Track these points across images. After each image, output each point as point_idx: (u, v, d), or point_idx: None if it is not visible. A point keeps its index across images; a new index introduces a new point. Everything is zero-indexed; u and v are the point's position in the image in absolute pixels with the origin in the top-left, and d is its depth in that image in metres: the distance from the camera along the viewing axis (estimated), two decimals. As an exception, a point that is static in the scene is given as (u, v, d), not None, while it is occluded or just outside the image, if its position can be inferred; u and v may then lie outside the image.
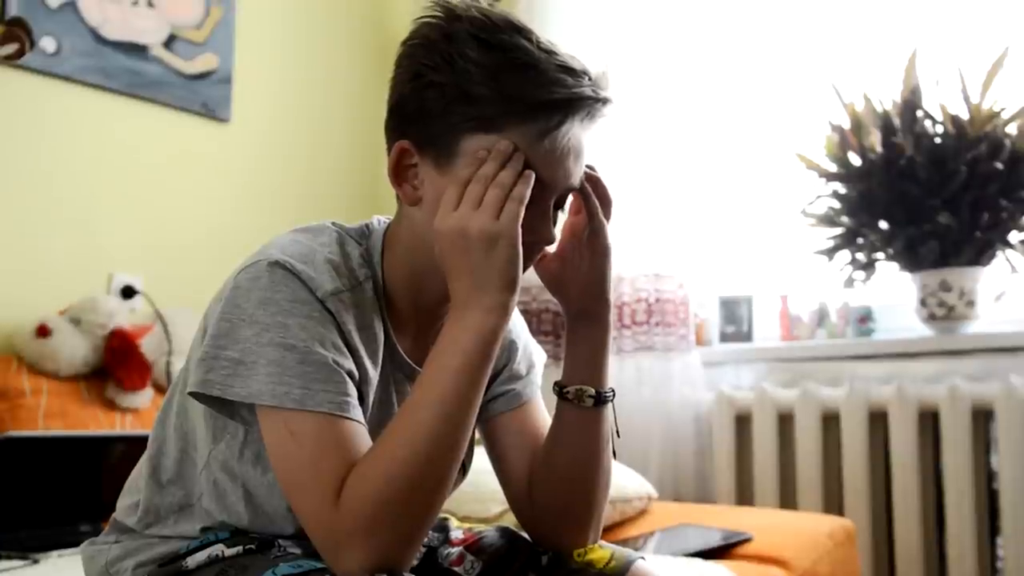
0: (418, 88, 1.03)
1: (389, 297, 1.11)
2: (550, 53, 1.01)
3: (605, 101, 1.03)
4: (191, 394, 1.01)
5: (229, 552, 1.06)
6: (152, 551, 1.12)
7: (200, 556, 1.07)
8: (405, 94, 1.05)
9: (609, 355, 1.18)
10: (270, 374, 0.96)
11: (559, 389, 1.17)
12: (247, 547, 1.06)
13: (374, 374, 1.08)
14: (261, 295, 0.99)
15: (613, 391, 1.17)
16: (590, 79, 1.02)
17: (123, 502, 1.18)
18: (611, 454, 1.19)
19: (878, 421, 2.67)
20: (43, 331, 2.32)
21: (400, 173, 1.07)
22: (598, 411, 1.16)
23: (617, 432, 1.21)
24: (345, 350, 1.02)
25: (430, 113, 1.02)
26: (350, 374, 1.01)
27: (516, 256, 1.01)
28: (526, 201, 1.01)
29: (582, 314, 1.16)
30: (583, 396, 1.15)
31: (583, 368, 1.16)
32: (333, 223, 1.13)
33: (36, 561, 1.79)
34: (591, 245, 1.13)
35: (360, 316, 1.05)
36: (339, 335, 1.01)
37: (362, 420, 1.01)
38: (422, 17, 1.05)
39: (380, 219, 1.17)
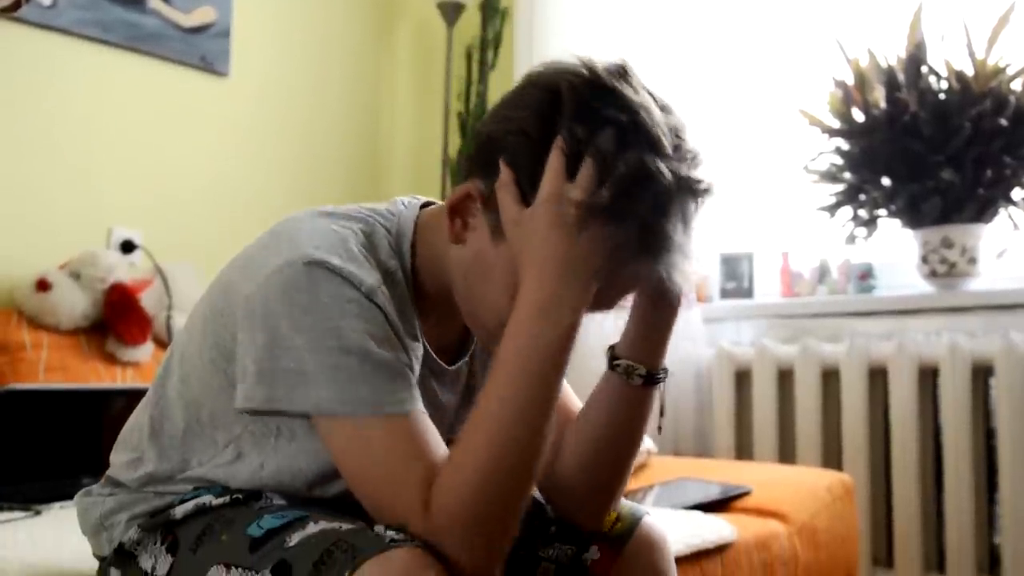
0: (524, 148, 0.99)
1: (417, 286, 1.08)
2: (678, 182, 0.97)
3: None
4: (248, 411, 1.00)
5: (216, 502, 1.06)
6: (147, 504, 1.12)
7: (188, 505, 1.07)
8: (510, 143, 1.00)
9: (671, 335, 1.12)
10: (333, 381, 0.95)
11: (610, 359, 1.13)
12: (234, 496, 1.06)
13: (416, 365, 1.05)
14: (305, 299, 0.96)
15: (666, 371, 1.13)
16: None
17: (119, 458, 1.18)
18: (644, 433, 1.16)
19: (878, 377, 2.68)
20: (43, 285, 2.32)
21: (457, 209, 1.04)
22: (645, 390, 1.12)
23: (662, 411, 1.17)
24: (398, 343, 1.00)
25: (522, 184, 0.99)
26: (409, 367, 1.00)
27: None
28: None
29: (654, 289, 1.09)
30: (633, 373, 1.11)
31: (640, 344, 1.11)
32: (360, 206, 1.10)
33: (38, 512, 1.80)
34: None
35: (397, 308, 1.02)
36: (390, 328, 0.99)
37: (425, 411, 0.99)
38: (571, 69, 1.00)
39: (406, 200, 1.13)
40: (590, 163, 0.95)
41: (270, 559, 0.94)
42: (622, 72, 1.00)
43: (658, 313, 1.10)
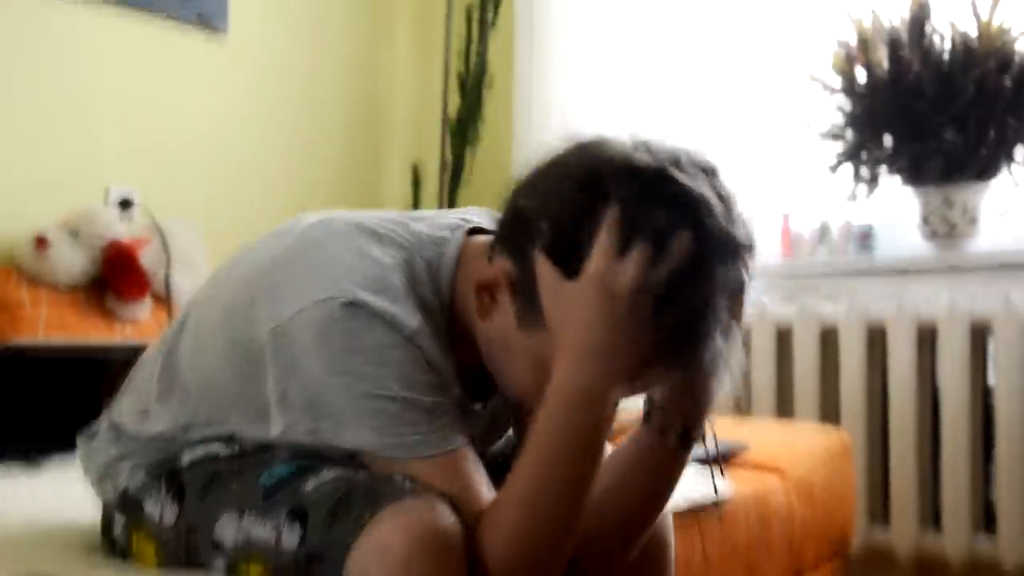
0: (561, 236, 0.95)
1: (453, 316, 1.04)
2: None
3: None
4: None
5: (224, 453, 1.06)
6: (152, 453, 1.11)
7: (197, 453, 1.07)
8: (546, 230, 0.95)
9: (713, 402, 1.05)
10: (376, 427, 0.94)
11: (645, 412, 1.06)
12: (242, 448, 1.06)
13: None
14: (346, 343, 0.94)
15: (708, 435, 1.06)
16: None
17: (128, 405, 1.16)
18: (670, 497, 1.10)
19: (877, 337, 2.68)
20: (41, 243, 2.32)
21: (486, 286, 1.01)
22: (681, 452, 1.05)
23: (716, 489, 1.15)
24: (439, 383, 0.98)
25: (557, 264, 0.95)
26: (450, 403, 0.99)
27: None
28: None
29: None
30: (670, 432, 1.04)
31: (682, 399, 1.04)
32: (404, 227, 1.05)
33: (38, 467, 1.81)
34: None
35: (436, 347, 1.00)
36: (429, 368, 0.97)
37: (469, 444, 0.98)
38: (618, 154, 0.96)
39: (453, 223, 1.08)
40: (642, 248, 0.91)
41: (285, 504, 0.95)
42: (672, 157, 0.96)
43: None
